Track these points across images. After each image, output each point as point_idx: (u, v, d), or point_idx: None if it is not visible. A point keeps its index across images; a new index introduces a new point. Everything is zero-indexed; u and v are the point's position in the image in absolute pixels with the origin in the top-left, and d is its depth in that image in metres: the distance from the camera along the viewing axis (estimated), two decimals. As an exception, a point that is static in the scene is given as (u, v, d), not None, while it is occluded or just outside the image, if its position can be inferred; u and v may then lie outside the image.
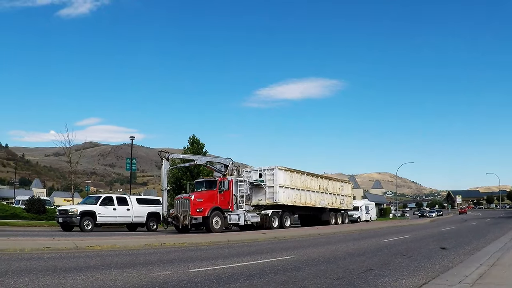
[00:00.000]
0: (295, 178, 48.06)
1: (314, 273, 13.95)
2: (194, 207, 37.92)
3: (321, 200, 52.25)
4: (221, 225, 39.01)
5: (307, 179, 50.51)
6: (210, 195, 40.27)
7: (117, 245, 22.55)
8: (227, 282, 12.08)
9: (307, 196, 49.69)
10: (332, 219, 54.70)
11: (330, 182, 55.74)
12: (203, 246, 25.09)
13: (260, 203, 45.38)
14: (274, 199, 44.82)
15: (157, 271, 13.94)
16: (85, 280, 11.87)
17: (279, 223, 44.40)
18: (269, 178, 45.50)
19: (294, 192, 47.35)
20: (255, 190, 45.84)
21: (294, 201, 47.29)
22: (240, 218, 41.58)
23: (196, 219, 37.69)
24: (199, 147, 70.09)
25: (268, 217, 43.46)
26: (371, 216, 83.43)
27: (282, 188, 45.29)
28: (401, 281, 12.31)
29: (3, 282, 11.15)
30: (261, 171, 46.39)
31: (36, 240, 23.05)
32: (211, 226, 37.77)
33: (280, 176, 45.44)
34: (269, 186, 45.29)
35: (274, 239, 31.05)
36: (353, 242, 27.26)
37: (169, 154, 43.00)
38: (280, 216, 44.97)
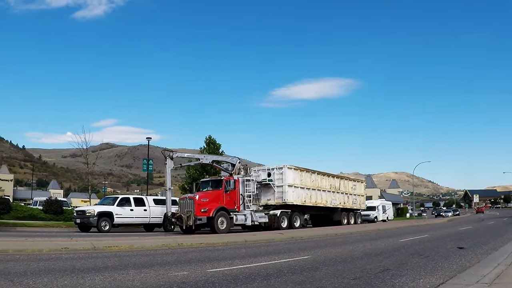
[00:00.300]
0: (305, 177, 46.87)
1: (331, 273, 13.94)
2: (198, 207, 36.90)
3: (332, 199, 50.98)
4: (226, 226, 37.66)
5: (318, 178, 49.23)
6: (216, 195, 39.16)
7: (135, 245, 22.62)
8: (244, 282, 12.12)
9: (317, 196, 48.45)
10: (344, 219, 53.48)
11: (342, 181, 54.28)
12: (220, 246, 25.10)
13: (269, 203, 44.44)
14: (283, 199, 43.75)
15: (174, 271, 13.99)
16: (103, 281, 11.93)
17: (288, 224, 43.40)
18: (278, 177, 44.44)
19: (304, 191, 46.14)
20: (263, 189, 44.92)
21: (304, 201, 46.09)
22: (247, 218, 40.47)
23: (200, 220, 36.57)
24: (216, 147, 69.98)
25: (277, 218, 42.45)
26: (388, 216, 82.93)
27: (292, 187, 44.18)
28: (418, 281, 12.29)
29: (22, 283, 11.23)
30: (269, 170, 45.46)
31: (54, 240, 23.16)
32: (216, 227, 36.66)
33: (289, 175, 44.34)
34: (278, 186, 44.20)
35: (291, 239, 31.02)
36: (370, 242, 27.20)
37: (173, 153, 41.85)
38: (290, 216, 43.93)
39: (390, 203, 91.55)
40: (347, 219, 53.91)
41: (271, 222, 42.14)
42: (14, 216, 47.45)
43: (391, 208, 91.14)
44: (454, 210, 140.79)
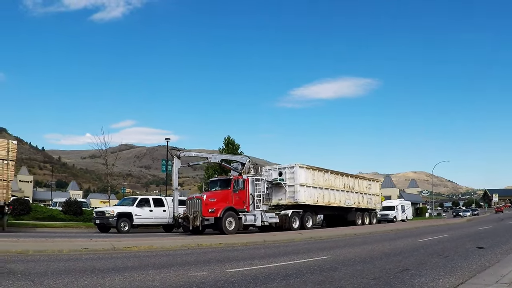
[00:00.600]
0: (318, 177, 46.06)
1: (350, 273, 13.94)
2: (206, 208, 35.81)
3: (346, 199, 50.18)
4: (235, 226, 36.74)
5: (331, 177, 48.43)
6: (224, 194, 38.05)
7: (154, 246, 22.71)
8: (264, 282, 12.14)
9: (331, 195, 47.71)
10: (359, 219, 52.59)
11: (356, 180, 53.42)
12: (239, 246, 25.15)
13: (280, 203, 43.61)
14: (294, 199, 42.83)
15: (194, 271, 14.03)
16: (123, 281, 11.99)
17: (300, 224, 42.48)
18: (290, 176, 43.57)
19: (316, 191, 45.37)
20: (275, 189, 44.13)
21: (317, 201, 45.31)
22: (257, 218, 39.39)
23: (208, 220, 35.56)
24: (234, 148, 70.01)
25: (288, 218, 41.48)
26: (407, 215, 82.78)
27: (303, 187, 43.41)
28: (437, 281, 12.26)
29: (42, 283, 11.30)
30: (281, 169, 44.67)
31: (73, 241, 23.29)
32: (224, 228, 35.75)
33: (301, 174, 43.53)
34: (290, 185, 43.30)
35: (310, 239, 31.03)
36: (389, 242, 27.13)
37: (180, 152, 40.42)
38: (302, 216, 43.09)
39: (409, 203, 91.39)
40: (361, 219, 53.16)
41: (282, 223, 41.26)
42: (34, 217, 47.66)
43: (410, 208, 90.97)
44: (473, 210, 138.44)
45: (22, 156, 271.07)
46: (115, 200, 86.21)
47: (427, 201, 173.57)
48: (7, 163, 32.60)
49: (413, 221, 78.47)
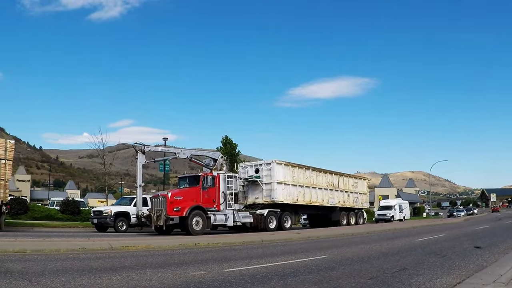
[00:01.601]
0: (298, 174, 43.82)
1: (348, 272, 13.95)
2: (171, 206, 34.00)
3: (330, 198, 47.80)
4: (202, 227, 34.64)
5: (313, 174, 46.08)
6: (192, 192, 36.08)
7: (152, 245, 22.72)
8: (261, 281, 12.15)
9: (312, 194, 45.38)
10: (344, 219, 50.06)
11: (341, 178, 50.87)
12: (237, 246, 25.15)
13: (257, 202, 41.65)
14: (271, 197, 40.68)
15: (191, 271, 14.05)
16: (120, 280, 12.00)
17: (277, 224, 40.47)
18: (267, 173, 41.35)
19: (296, 189, 43.22)
20: (251, 187, 42.22)
21: (296, 199, 43.17)
22: (229, 218, 37.39)
23: (172, 220, 33.68)
24: (232, 147, 70.07)
25: (264, 217, 39.43)
26: (404, 215, 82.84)
27: (281, 184, 41.24)
28: (435, 281, 12.27)
29: (40, 282, 11.30)
30: (258, 166, 42.45)
31: (71, 241, 23.26)
32: (190, 228, 33.76)
33: (279, 171, 41.38)
34: (266, 183, 41.18)
35: (307, 238, 31.05)
36: (386, 242, 27.17)
37: (145, 146, 37.49)
38: (279, 216, 40.92)
39: (406, 203, 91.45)
40: (347, 219, 50.75)
41: (257, 223, 39.39)
42: (32, 216, 47.71)
43: (408, 207, 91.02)
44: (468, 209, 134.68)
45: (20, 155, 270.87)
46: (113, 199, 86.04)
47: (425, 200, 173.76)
48: (5, 162, 32.58)
49: (410, 220, 78.44)
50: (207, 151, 42.74)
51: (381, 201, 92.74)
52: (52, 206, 64.08)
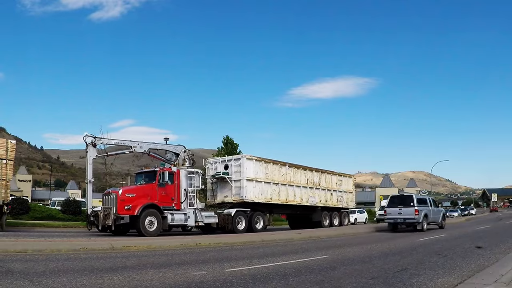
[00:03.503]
0: (273, 170, 40.49)
1: (349, 272, 13.97)
2: (121, 204, 30.88)
3: (310, 197, 44.40)
4: (157, 227, 31.69)
5: (290, 171, 42.69)
6: (147, 189, 33.02)
7: (153, 245, 22.73)
8: (263, 281, 12.16)
9: (289, 192, 42.02)
10: (326, 219, 46.74)
11: (323, 175, 47.36)
12: (238, 246, 25.17)
13: (226, 200, 38.85)
14: (241, 195, 37.66)
15: (193, 271, 14.08)
16: (122, 280, 12.02)
17: (247, 225, 37.38)
18: (236, 169, 38.42)
19: (270, 187, 39.88)
20: (220, 184, 39.44)
21: (270, 198, 39.82)
22: (189, 218, 34.42)
23: (123, 219, 30.57)
24: (233, 147, 69.92)
25: (231, 218, 36.32)
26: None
27: (252, 182, 38.06)
28: (436, 280, 12.29)
29: (41, 282, 11.32)
30: (226, 161, 39.65)
31: (72, 241, 23.26)
32: (142, 228, 30.83)
33: (249, 167, 38.25)
34: (236, 180, 38.21)
35: (309, 238, 31.11)
36: (388, 242, 27.20)
37: (96, 138, 34.47)
38: (250, 216, 37.87)
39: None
40: (329, 219, 47.24)
41: (224, 223, 36.40)
42: (33, 216, 47.65)
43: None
44: (463, 210, 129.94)
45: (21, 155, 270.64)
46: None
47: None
48: (6, 162, 32.57)
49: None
50: (168, 145, 38.41)
51: (383, 201, 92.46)
52: (54, 206, 64.01)
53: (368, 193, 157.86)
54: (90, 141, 33.95)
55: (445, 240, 27.87)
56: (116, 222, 30.55)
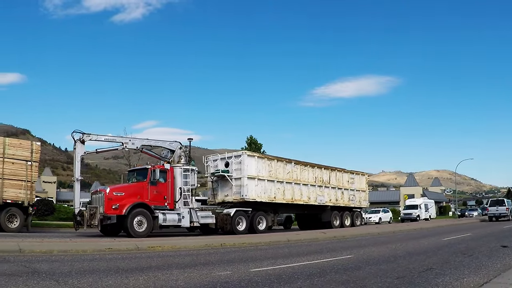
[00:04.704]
0: (277, 168, 39.25)
1: (374, 272, 13.91)
2: (109, 203, 29.44)
3: (318, 195, 43.00)
4: (147, 228, 30.03)
5: (296, 169, 41.28)
6: (137, 187, 31.59)
7: (177, 245, 22.82)
8: (288, 281, 12.12)
9: (295, 191, 40.58)
10: (336, 219, 45.46)
11: (333, 173, 45.80)
12: (262, 246, 25.18)
13: (226, 200, 37.35)
14: (241, 194, 36.31)
15: (218, 271, 14.08)
16: (147, 280, 12.05)
17: (249, 226, 35.97)
18: (237, 167, 37.05)
19: (273, 185, 38.48)
20: (221, 183, 38.02)
21: (274, 197, 38.47)
22: (184, 218, 32.86)
23: (109, 219, 29.10)
24: (257, 147, 70.10)
25: (230, 218, 34.79)
26: (430, 214, 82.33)
27: (254, 180, 36.82)
28: (462, 280, 12.20)
29: (67, 282, 11.36)
30: (227, 158, 38.05)
31: (97, 241, 23.43)
32: (130, 229, 29.21)
33: (250, 164, 37.02)
34: (236, 178, 36.85)
35: (333, 238, 31.01)
36: (412, 241, 27.08)
37: (84, 135, 32.09)
38: (251, 216, 36.45)
39: (432, 202, 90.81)
40: (340, 220, 45.99)
41: (222, 223, 34.96)
42: (58, 217, 47.97)
43: (434, 206, 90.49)
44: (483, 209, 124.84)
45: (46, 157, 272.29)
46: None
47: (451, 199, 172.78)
48: (31, 164, 32.84)
49: (436, 220, 78.17)
50: (162, 141, 36.63)
51: (407, 200, 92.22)
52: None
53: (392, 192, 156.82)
54: (78, 138, 31.99)
55: (470, 239, 27.71)
56: (103, 222, 29.33)
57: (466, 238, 29.46)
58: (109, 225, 29.67)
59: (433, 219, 78.95)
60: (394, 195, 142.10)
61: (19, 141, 35.01)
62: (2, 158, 31.75)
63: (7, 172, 31.76)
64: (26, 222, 32.71)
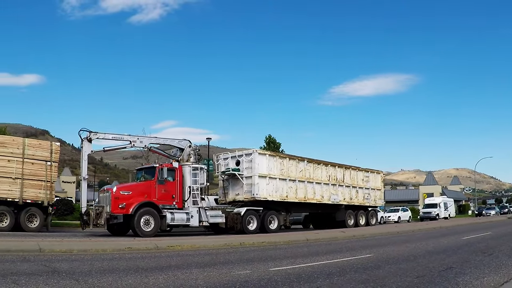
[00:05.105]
0: (289, 166, 38.46)
1: (394, 271, 13.87)
2: (115, 202, 29.07)
3: (332, 194, 42.11)
4: (154, 227, 29.65)
5: (309, 167, 40.42)
6: (144, 186, 31.18)
7: (197, 244, 22.80)
8: (307, 280, 12.11)
9: (308, 190, 39.70)
10: (351, 219, 44.68)
11: (347, 171, 44.91)
12: (281, 245, 25.16)
13: (237, 199, 36.71)
14: (252, 193, 35.55)
15: (237, 270, 14.09)
16: (166, 279, 12.07)
17: (260, 225, 35.34)
18: (248, 166, 36.39)
19: (286, 184, 37.78)
20: (232, 182, 37.39)
21: (286, 196, 37.73)
22: (192, 217, 32.23)
23: (116, 218, 28.80)
24: (276, 146, 70.13)
25: (241, 217, 34.27)
26: (449, 213, 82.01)
27: (265, 178, 36.10)
28: (482, 279, 12.15)
29: (87, 282, 11.41)
30: (238, 157, 37.41)
31: (117, 240, 23.53)
32: (137, 228, 28.88)
33: (261, 163, 36.26)
34: (247, 177, 36.18)
35: (352, 237, 30.92)
36: (432, 240, 26.99)
37: (91, 133, 31.55)
38: (262, 215, 35.83)
39: (451, 200, 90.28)
40: (354, 219, 45.16)
41: (233, 223, 34.42)
42: (77, 217, 47.94)
43: (453, 205, 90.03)
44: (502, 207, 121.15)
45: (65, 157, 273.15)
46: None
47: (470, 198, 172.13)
48: (50, 164, 33.06)
49: (456, 218, 77.89)
50: (171, 140, 35.96)
51: (426, 199, 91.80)
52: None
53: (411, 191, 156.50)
54: (85, 136, 31.46)
55: (490, 239, 27.58)
56: (109, 221, 29.13)
57: (486, 237, 29.34)
58: (116, 224, 29.53)
59: (452, 218, 78.64)
60: (413, 194, 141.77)
61: (38, 141, 35.22)
62: (21, 159, 31.97)
63: (26, 172, 31.97)
64: (46, 222, 32.90)
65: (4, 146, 31.81)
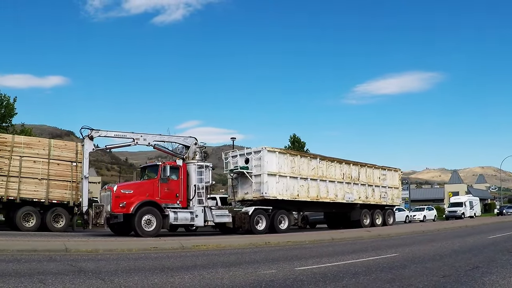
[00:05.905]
0: (300, 164, 37.22)
1: (420, 270, 13.82)
2: (116, 201, 28.32)
3: (346, 193, 40.69)
4: (156, 227, 28.87)
5: (322, 165, 39.11)
6: (146, 185, 30.39)
7: (222, 244, 22.87)
8: (333, 280, 12.10)
9: (321, 188, 38.40)
10: (367, 218, 42.96)
11: (362, 169, 43.39)
12: (307, 244, 25.17)
13: (246, 198, 35.69)
14: (261, 192, 34.51)
15: (263, 269, 14.12)
16: (192, 279, 12.11)
17: (269, 225, 34.46)
18: (257, 163, 35.25)
19: (297, 182, 36.60)
20: (241, 180, 36.39)
21: (297, 195, 36.49)
22: (197, 217, 31.28)
23: (116, 217, 28.04)
24: (300, 145, 70.12)
25: (248, 217, 33.33)
26: (475, 212, 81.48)
27: (274, 177, 35.03)
28: (509, 279, 12.09)
29: (113, 281, 11.50)
30: (246, 154, 36.33)
31: (143, 240, 23.61)
32: (138, 228, 28.09)
33: (271, 160, 35.15)
34: (256, 175, 35.09)
35: (378, 236, 30.84)
36: (458, 239, 26.88)
37: (93, 131, 30.90)
38: (272, 215, 34.83)
39: (477, 199, 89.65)
40: (371, 218, 43.40)
41: (240, 223, 33.44)
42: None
43: (478, 204, 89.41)
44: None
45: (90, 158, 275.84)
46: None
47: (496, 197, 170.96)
48: (76, 165, 33.30)
49: (481, 217, 77.40)
50: (177, 137, 34.92)
51: (451, 197, 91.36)
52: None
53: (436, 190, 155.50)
54: (87, 134, 30.64)
55: (517, 237, 27.45)
56: (110, 221, 28.38)
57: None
58: (116, 224, 28.88)
59: (478, 217, 78.12)
60: (438, 193, 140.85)
61: (64, 142, 35.51)
62: (47, 160, 32.25)
63: (52, 173, 32.24)
64: (71, 222, 33.17)
65: (30, 147, 32.07)
